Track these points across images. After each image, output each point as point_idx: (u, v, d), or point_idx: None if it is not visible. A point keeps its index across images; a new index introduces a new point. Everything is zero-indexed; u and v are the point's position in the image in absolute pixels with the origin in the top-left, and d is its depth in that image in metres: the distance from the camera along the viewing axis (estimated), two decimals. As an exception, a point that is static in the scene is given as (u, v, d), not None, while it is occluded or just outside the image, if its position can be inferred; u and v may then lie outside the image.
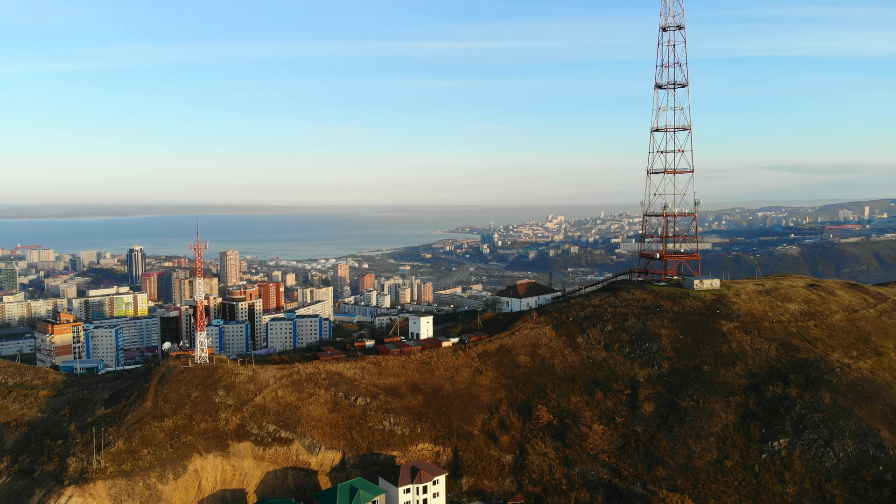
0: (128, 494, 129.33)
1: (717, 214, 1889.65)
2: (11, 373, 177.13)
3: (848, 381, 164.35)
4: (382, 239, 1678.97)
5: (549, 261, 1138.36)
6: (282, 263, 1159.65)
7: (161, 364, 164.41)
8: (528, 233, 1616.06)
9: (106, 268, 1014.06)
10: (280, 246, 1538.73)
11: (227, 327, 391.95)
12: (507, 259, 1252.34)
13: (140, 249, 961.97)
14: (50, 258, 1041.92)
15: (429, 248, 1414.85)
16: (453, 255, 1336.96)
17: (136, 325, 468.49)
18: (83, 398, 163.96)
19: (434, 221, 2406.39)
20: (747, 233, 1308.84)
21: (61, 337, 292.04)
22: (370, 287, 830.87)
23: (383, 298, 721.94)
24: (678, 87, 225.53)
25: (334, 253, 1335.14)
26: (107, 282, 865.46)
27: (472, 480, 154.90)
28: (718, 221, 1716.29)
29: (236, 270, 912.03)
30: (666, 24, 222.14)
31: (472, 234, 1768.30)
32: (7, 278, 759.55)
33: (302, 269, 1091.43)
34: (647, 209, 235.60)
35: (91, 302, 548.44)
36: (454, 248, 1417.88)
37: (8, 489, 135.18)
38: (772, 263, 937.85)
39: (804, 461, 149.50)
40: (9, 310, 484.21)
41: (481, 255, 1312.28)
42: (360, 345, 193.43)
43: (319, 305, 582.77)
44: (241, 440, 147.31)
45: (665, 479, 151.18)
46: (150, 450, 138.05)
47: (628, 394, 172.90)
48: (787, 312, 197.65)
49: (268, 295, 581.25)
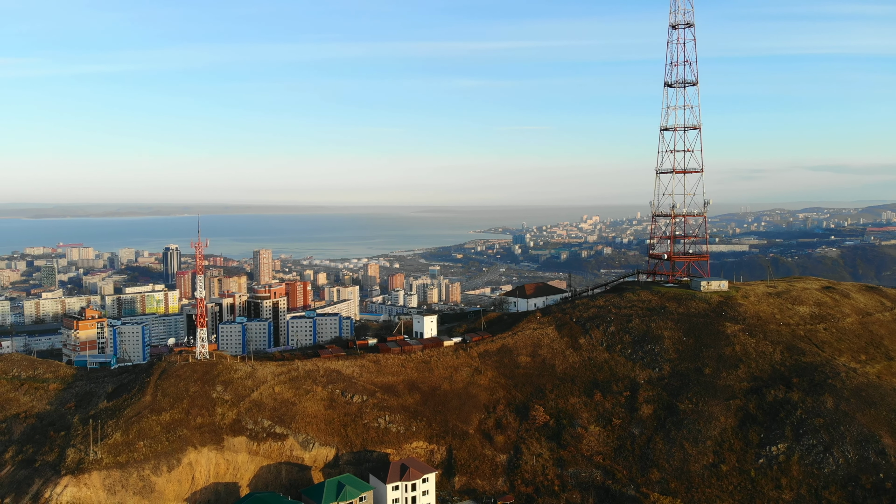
0: (121, 485, 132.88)
1: (757, 215, 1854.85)
2: (25, 366, 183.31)
3: (852, 385, 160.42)
4: (414, 239, 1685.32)
5: (581, 262, 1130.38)
6: (315, 263, 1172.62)
7: (163, 359, 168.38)
8: (561, 233, 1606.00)
9: (143, 266, 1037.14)
10: (314, 245, 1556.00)
11: (251, 325, 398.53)
12: (539, 260, 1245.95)
13: (175, 248, 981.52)
14: (89, 256, 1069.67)
15: (460, 248, 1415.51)
16: (484, 256, 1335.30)
17: (164, 322, 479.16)
18: (89, 391, 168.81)
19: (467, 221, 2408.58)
20: (786, 234, 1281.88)
21: (86, 332, 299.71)
22: (399, 287, 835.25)
23: (410, 298, 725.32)
24: (688, 86, 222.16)
25: (366, 252, 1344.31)
26: (143, 279, 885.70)
27: (464, 479, 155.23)
28: (758, 223, 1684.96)
29: (269, 269, 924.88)
30: (675, 21, 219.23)
31: (504, 234, 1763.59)
32: (46, 276, 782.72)
33: (334, 268, 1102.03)
34: (656, 209, 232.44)
35: (123, 299, 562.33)
36: (485, 248, 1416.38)
37: (11, 478, 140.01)
38: (810, 266, 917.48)
39: (802, 467, 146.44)
40: (43, 306, 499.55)
41: (512, 256, 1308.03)
42: (363, 343, 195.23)
43: (345, 304, 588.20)
44: (236, 435, 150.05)
45: (659, 483, 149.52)
46: (146, 442, 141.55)
47: (627, 395, 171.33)
48: (797, 315, 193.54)
49: (295, 293, 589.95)
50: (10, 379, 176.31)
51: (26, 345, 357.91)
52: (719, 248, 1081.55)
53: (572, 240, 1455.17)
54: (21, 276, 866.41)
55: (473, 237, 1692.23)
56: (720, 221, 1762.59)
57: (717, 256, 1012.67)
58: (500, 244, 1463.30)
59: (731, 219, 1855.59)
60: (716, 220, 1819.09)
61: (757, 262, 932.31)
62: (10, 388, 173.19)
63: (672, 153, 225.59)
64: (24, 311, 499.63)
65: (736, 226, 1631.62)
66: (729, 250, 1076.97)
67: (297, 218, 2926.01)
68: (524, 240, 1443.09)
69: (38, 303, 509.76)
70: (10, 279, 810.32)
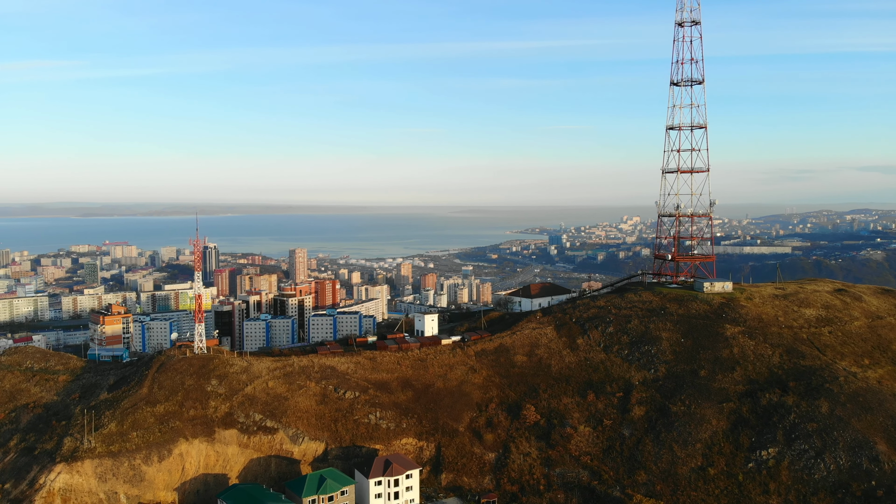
0: (112, 473, 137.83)
1: (803, 217, 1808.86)
2: (38, 358, 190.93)
3: (850, 390, 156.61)
4: (450, 239, 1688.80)
5: (618, 263, 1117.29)
6: (351, 262, 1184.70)
7: (163, 353, 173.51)
8: (599, 234, 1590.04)
9: (183, 264, 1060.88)
10: (352, 245, 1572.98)
11: (274, 322, 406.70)
12: (575, 261, 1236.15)
13: (214, 247, 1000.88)
14: (132, 254, 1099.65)
15: (495, 248, 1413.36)
16: (519, 256, 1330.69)
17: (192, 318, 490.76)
18: (95, 383, 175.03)
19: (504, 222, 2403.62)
20: (831, 236, 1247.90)
21: (112, 327, 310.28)
22: (431, 286, 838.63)
23: (440, 298, 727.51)
24: (694, 84, 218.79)
25: (402, 252, 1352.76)
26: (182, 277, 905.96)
27: (451, 476, 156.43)
28: (803, 224, 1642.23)
29: (304, 267, 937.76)
30: (682, 19, 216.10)
31: (541, 234, 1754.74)
32: (89, 273, 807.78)
33: (369, 267, 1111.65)
34: (662, 209, 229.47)
35: (158, 296, 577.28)
36: (521, 248, 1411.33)
37: (13, 465, 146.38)
38: (854, 269, 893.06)
39: (792, 472, 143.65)
40: (81, 302, 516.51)
41: (548, 257, 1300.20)
42: (363, 340, 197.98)
43: (373, 303, 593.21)
44: (228, 428, 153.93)
45: (645, 485, 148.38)
46: (139, 433, 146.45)
47: (620, 396, 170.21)
48: (802, 318, 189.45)
49: (324, 292, 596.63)
50: (24, 370, 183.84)
51: (58, 339, 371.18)
52: (761, 250, 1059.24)
53: (610, 241, 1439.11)
54: (66, 272, 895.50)
55: (510, 237, 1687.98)
56: (764, 223, 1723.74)
57: (759, 258, 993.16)
58: (535, 245, 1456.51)
59: (775, 220, 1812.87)
60: (760, 221, 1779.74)
61: (799, 265, 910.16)
62: (22, 378, 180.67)
63: (678, 152, 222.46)
64: (61, 307, 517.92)
65: (780, 227, 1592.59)
66: (771, 252, 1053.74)
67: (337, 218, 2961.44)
68: (560, 240, 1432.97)
69: (76, 299, 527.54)
70: (55, 276, 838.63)
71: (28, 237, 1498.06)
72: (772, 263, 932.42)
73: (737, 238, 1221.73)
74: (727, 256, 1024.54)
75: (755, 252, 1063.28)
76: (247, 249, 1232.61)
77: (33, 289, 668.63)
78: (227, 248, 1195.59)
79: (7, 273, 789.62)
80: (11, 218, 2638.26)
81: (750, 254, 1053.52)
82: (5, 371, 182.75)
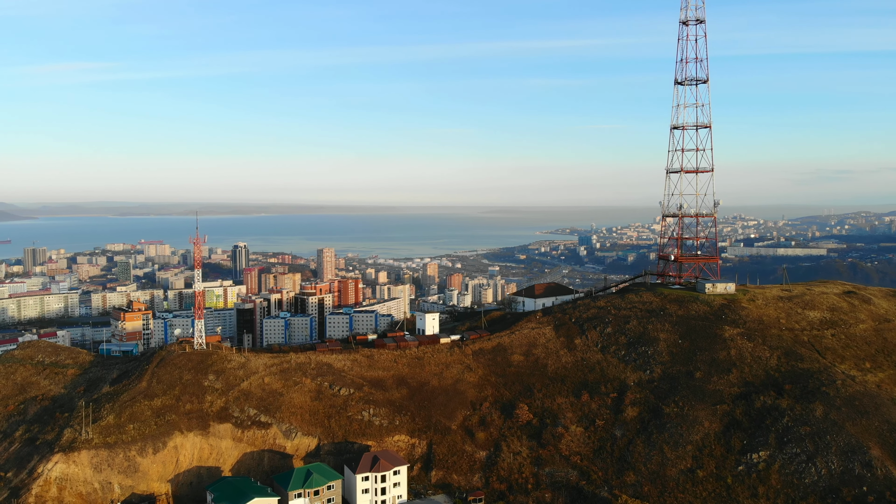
0: (108, 464, 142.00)
1: (840, 218, 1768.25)
2: (49, 353, 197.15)
3: (846, 394, 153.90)
4: (479, 239, 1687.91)
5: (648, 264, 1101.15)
6: (379, 262, 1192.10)
7: (163, 348, 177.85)
8: (631, 234, 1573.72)
9: (214, 262, 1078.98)
10: (381, 245, 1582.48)
11: (293, 320, 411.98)
12: (605, 262, 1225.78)
13: (244, 246, 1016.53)
14: (165, 252, 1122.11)
15: (524, 248, 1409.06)
16: (548, 257, 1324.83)
17: (218, 316, 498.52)
18: (100, 377, 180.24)
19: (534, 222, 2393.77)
20: (869, 238, 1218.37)
21: (132, 324, 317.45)
22: (458, 286, 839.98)
23: (464, 298, 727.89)
24: (699, 84, 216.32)
25: (431, 252, 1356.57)
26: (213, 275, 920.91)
27: (441, 473, 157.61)
28: (840, 225, 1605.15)
29: (331, 266, 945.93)
30: (686, 18, 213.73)
31: (571, 235, 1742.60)
32: (122, 271, 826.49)
33: (396, 267, 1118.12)
34: (667, 209, 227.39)
35: (185, 294, 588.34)
36: (549, 249, 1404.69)
37: (16, 454, 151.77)
38: (890, 272, 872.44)
39: (782, 476, 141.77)
40: (110, 299, 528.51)
41: (577, 257, 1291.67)
42: (363, 338, 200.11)
43: (395, 302, 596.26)
44: (222, 422, 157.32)
45: (633, 486, 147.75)
46: (135, 425, 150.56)
47: (614, 397, 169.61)
48: (805, 320, 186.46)
49: (346, 291, 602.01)
50: (35, 364, 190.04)
51: (83, 335, 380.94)
52: (795, 252, 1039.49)
53: (641, 241, 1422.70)
54: (101, 270, 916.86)
55: (539, 238, 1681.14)
56: (800, 224, 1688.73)
57: (793, 260, 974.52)
58: (564, 245, 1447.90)
59: (812, 221, 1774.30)
60: (796, 222, 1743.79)
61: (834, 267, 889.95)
62: (33, 372, 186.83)
63: (682, 152, 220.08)
64: (91, 304, 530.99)
65: (817, 229, 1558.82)
66: (805, 254, 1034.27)
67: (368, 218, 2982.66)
68: (590, 241, 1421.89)
69: (105, 296, 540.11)
70: (90, 273, 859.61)
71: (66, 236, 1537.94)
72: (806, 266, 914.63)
73: (771, 240, 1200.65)
74: (760, 258, 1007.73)
75: (789, 254, 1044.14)
76: (278, 249, 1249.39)
77: (67, 286, 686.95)
78: (259, 248, 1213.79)
79: (43, 270, 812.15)
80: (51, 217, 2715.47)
81: (784, 255, 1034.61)
82: (18, 364, 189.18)
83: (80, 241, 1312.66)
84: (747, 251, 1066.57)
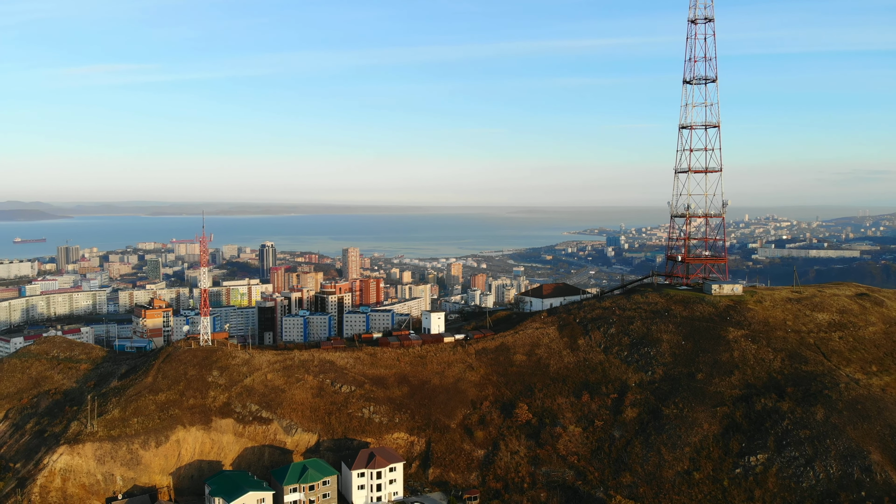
0: (111, 456, 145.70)
1: (876, 219, 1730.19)
2: (64, 348, 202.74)
3: (849, 397, 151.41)
4: (505, 239, 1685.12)
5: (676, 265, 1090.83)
6: (405, 261, 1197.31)
7: (170, 344, 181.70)
8: (661, 235, 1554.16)
9: (242, 261, 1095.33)
10: (407, 245, 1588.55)
11: (312, 318, 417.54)
12: (633, 263, 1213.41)
13: (271, 245, 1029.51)
14: (195, 251, 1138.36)
15: (550, 249, 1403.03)
16: (574, 258, 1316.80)
17: (241, 314, 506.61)
18: (110, 372, 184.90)
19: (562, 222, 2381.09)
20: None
21: (152, 321, 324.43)
22: (482, 286, 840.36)
23: (487, 298, 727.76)
24: (708, 83, 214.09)
25: (456, 252, 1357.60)
26: (241, 274, 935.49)
27: (438, 471, 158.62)
28: (876, 227, 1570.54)
29: (356, 266, 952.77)
30: (694, 16, 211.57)
31: (599, 236, 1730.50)
32: (152, 269, 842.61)
33: (421, 266, 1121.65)
34: (675, 210, 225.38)
35: (210, 292, 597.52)
36: (577, 250, 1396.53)
37: (26, 446, 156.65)
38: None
39: (779, 480, 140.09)
40: (137, 297, 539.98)
41: (605, 258, 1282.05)
42: (368, 336, 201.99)
43: (415, 302, 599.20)
44: (225, 417, 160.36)
45: (628, 487, 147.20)
46: (139, 419, 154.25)
47: (614, 398, 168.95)
48: (813, 322, 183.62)
49: (368, 290, 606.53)
50: (50, 359, 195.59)
51: (108, 331, 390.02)
52: (828, 254, 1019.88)
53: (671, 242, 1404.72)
54: (132, 268, 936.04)
55: (566, 238, 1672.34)
56: (835, 225, 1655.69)
57: (825, 262, 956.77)
58: (592, 246, 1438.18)
59: (847, 222, 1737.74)
60: (830, 223, 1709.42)
61: (867, 269, 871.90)
62: (48, 366, 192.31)
63: (690, 151, 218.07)
64: (118, 301, 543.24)
65: (851, 230, 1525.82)
66: (838, 256, 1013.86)
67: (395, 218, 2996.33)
68: (618, 241, 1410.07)
69: (132, 293, 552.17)
70: (121, 272, 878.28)
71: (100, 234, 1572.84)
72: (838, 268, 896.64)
73: (803, 241, 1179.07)
74: (791, 260, 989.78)
75: (821, 256, 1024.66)
76: (306, 248, 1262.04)
77: (98, 284, 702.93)
78: (287, 247, 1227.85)
79: (75, 269, 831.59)
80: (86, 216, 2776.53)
81: (816, 257, 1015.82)
82: (34, 359, 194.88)
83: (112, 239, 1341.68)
84: (778, 252, 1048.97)
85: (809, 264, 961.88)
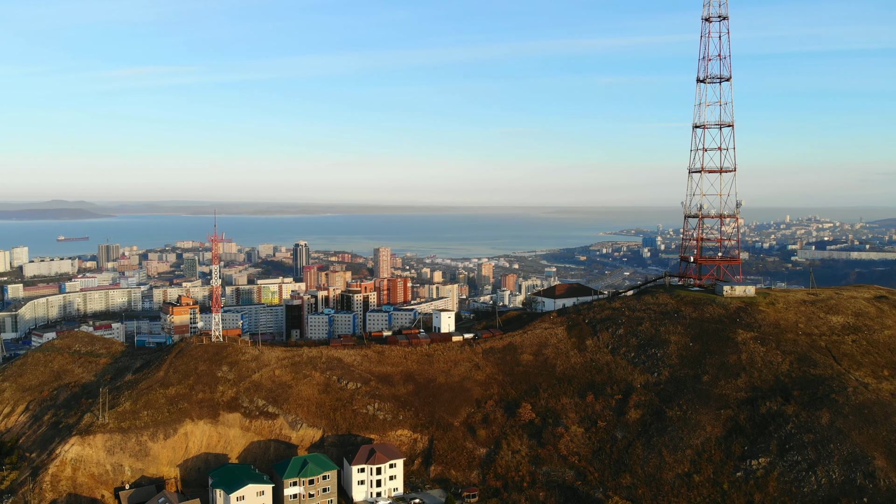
0: (120, 448, 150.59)
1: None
2: (85, 342, 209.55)
3: (857, 401, 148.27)
4: (539, 240, 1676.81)
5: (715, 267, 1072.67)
6: (437, 261, 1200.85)
7: (183, 340, 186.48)
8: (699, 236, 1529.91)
9: (277, 260, 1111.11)
10: (440, 244, 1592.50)
11: (337, 316, 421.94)
12: (669, 264, 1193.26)
13: (304, 244, 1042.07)
14: (232, 250, 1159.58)
15: (585, 250, 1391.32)
16: (609, 259, 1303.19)
17: (270, 312, 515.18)
18: (127, 366, 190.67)
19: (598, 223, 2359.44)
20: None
21: (179, 318, 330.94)
22: (511, 287, 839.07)
23: (516, 298, 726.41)
24: (722, 81, 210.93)
25: (489, 252, 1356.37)
26: (275, 273, 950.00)
27: (440, 469, 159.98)
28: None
29: (388, 266, 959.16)
30: (709, 14, 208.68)
31: (636, 236, 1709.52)
32: (189, 267, 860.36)
33: (452, 266, 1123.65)
34: (688, 210, 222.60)
35: (241, 290, 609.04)
36: (612, 250, 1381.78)
37: (42, 436, 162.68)
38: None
39: (780, 484, 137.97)
40: (170, 294, 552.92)
41: (640, 259, 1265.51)
42: (378, 335, 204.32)
43: (442, 301, 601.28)
44: (232, 411, 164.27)
45: (628, 488, 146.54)
46: (149, 412, 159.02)
47: (619, 399, 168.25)
48: (826, 325, 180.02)
49: (395, 289, 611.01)
50: (72, 353, 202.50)
51: (139, 328, 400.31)
52: (869, 256, 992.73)
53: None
54: (170, 266, 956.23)
55: (602, 239, 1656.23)
56: (879, 227, 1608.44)
57: (867, 265, 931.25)
58: (627, 246, 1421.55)
59: (890, 224, 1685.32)
60: (874, 224, 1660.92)
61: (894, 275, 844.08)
62: (70, 360, 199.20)
63: (703, 151, 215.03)
64: (153, 298, 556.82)
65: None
66: (880, 258, 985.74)
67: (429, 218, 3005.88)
68: (655, 242, 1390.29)
69: (166, 291, 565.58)
70: (158, 270, 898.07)
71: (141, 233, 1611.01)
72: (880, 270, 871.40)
73: (844, 243, 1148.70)
74: (832, 262, 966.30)
75: (863, 258, 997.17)
76: (339, 248, 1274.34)
77: (136, 281, 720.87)
78: (322, 247, 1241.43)
79: (115, 266, 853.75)
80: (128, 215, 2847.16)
81: (857, 259, 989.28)
82: (56, 353, 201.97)
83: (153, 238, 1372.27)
84: (819, 254, 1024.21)
85: (850, 266, 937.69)
